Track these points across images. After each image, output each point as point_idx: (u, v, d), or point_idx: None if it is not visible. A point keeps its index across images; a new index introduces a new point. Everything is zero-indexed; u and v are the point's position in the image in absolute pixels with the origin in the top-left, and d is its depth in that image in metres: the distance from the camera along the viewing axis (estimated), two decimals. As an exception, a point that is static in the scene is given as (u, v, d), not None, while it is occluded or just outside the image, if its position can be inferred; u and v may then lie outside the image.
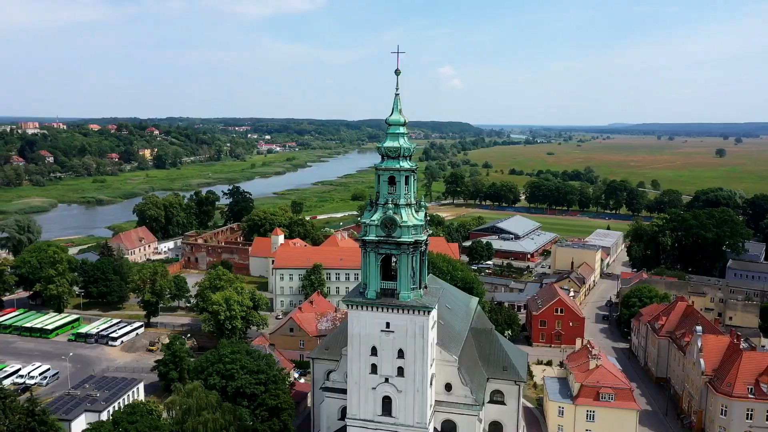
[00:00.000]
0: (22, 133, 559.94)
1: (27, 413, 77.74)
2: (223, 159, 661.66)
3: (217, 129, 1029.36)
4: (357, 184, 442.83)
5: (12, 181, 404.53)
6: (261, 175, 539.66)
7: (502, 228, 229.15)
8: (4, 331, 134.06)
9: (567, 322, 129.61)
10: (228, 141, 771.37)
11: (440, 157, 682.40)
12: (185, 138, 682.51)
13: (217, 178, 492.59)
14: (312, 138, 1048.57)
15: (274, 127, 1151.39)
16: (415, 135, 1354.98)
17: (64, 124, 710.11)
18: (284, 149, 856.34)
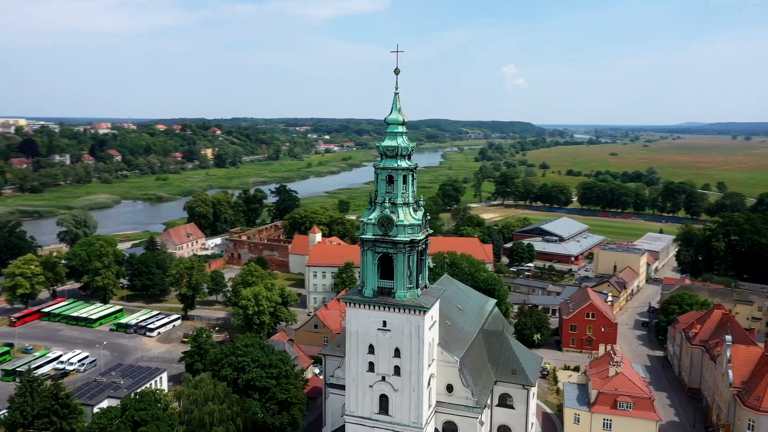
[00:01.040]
0: (95, 133, 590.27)
1: (52, 397, 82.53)
2: (282, 158, 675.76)
3: (278, 129, 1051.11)
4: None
5: (82, 178, 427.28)
6: (316, 174, 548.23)
7: (547, 230, 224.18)
8: (53, 319, 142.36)
9: (598, 327, 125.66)
10: (287, 141, 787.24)
11: (496, 158, 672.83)
12: (245, 138, 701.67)
13: (273, 177, 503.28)
14: (370, 138, 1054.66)
15: (334, 127, 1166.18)
16: (474, 135, 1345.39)
17: (135, 124, 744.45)
18: (342, 149, 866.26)
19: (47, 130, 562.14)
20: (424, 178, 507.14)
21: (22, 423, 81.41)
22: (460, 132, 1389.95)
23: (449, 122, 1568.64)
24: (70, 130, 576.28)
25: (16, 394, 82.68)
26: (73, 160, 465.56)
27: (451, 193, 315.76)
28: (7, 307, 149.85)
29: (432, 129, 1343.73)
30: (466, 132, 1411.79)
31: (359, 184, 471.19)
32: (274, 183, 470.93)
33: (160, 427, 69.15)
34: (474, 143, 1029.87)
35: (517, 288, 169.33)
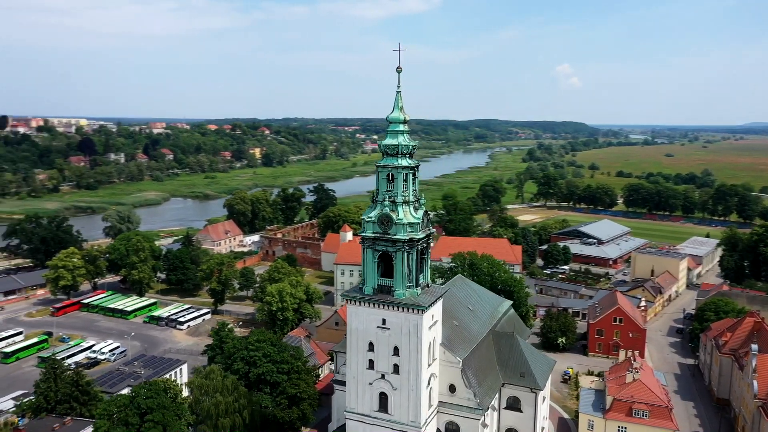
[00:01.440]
0: (149, 132, 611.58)
1: (73, 384, 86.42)
2: (328, 158, 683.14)
3: (327, 129, 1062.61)
4: (451, 184, 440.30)
5: (135, 176, 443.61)
6: (360, 173, 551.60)
7: (585, 232, 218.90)
8: (91, 310, 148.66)
9: (626, 332, 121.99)
10: (334, 140, 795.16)
11: (544, 158, 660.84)
12: (293, 138, 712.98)
13: (317, 177, 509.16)
14: (417, 138, 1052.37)
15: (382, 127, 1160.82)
16: (524, 135, 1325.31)
17: (188, 124, 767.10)
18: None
19: (105, 129, 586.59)
20: (468, 178, 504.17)
21: (46, 407, 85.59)
22: (510, 132, 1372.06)
23: (499, 122, 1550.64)
24: (127, 129, 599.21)
25: (40, 380, 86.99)
26: (127, 158, 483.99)
27: (492, 193, 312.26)
28: (50, 297, 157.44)
29: (481, 129, 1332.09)
30: (516, 132, 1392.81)
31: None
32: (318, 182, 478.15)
33: (166, 416, 71.30)
34: (524, 144, 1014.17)
35: (548, 291, 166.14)
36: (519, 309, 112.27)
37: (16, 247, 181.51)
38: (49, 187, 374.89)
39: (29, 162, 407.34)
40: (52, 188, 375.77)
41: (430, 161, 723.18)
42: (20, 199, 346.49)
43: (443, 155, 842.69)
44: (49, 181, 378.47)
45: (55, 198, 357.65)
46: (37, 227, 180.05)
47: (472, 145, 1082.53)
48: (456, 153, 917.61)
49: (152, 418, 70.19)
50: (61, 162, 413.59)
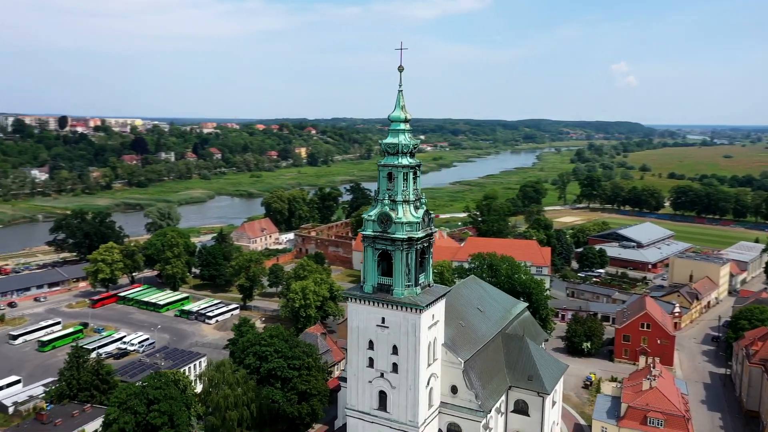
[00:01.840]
0: (200, 132, 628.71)
1: (94, 372, 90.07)
2: (374, 158, 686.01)
3: (375, 129, 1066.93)
4: (494, 185, 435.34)
5: (183, 174, 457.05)
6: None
7: (624, 235, 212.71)
8: (127, 303, 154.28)
9: (654, 338, 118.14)
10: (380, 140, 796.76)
11: (594, 159, 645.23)
12: (339, 137, 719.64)
13: (360, 176, 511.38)
14: (465, 138, 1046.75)
15: (429, 127, 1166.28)
16: (575, 135, 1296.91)
17: (238, 124, 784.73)
18: (435, 149, 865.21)
19: (158, 129, 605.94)
20: (513, 179, 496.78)
21: (69, 394, 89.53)
22: (561, 132, 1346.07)
23: (550, 122, 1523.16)
24: (178, 129, 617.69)
25: (64, 368, 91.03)
26: (177, 157, 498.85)
27: (532, 194, 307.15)
28: (91, 290, 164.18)
29: (530, 129, 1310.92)
30: (567, 132, 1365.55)
31: (444, 184, 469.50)
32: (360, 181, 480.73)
33: (173, 406, 73.43)
34: (574, 144, 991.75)
35: (580, 294, 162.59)
36: (539, 312, 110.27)
37: (62, 241, 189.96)
38: (102, 185, 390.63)
39: (85, 160, 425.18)
40: (105, 185, 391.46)
41: (475, 162, 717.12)
42: (75, 196, 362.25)
43: (489, 156, 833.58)
44: (102, 179, 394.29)
45: (107, 195, 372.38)
46: (81, 222, 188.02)
47: (520, 145, 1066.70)
48: (503, 153, 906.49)
49: (158, 408, 72.41)
50: (115, 160, 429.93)
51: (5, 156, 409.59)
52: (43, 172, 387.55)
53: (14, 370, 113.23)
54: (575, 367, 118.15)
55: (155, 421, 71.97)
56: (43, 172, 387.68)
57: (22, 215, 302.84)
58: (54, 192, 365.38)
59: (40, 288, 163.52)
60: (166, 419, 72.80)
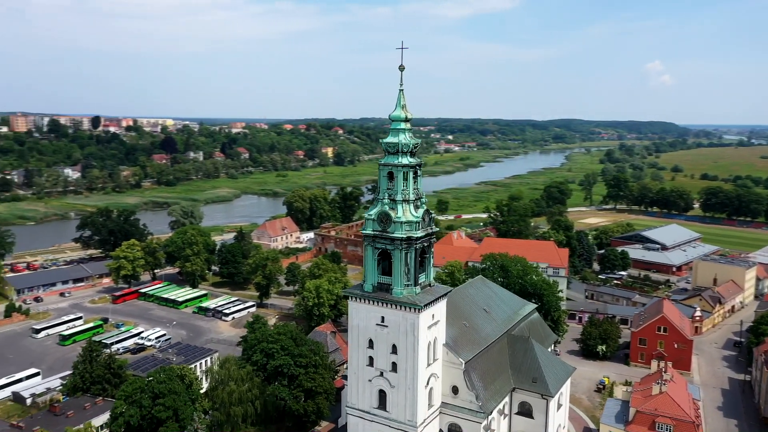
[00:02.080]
0: (228, 132, 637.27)
1: (106, 366, 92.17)
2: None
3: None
4: (520, 185, 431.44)
5: (211, 173, 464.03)
6: (429, 173, 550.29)
7: (648, 237, 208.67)
8: (148, 299, 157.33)
9: (671, 342, 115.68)
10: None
11: (624, 159, 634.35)
12: (366, 137, 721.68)
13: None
14: (494, 138, 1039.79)
15: (458, 127, 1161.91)
16: (607, 135, 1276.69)
17: (267, 124, 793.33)
18: (462, 149, 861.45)
19: (188, 129, 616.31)
20: (540, 179, 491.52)
21: (82, 387, 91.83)
22: (592, 133, 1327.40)
23: (581, 122, 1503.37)
24: (207, 129, 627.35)
25: (78, 361, 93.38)
26: (205, 156, 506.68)
27: (557, 195, 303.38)
28: (114, 286, 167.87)
29: (561, 129, 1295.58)
30: (598, 132, 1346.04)
31: (470, 184, 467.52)
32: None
33: (177, 401, 74.69)
34: (605, 144, 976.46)
35: (599, 296, 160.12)
36: (551, 314, 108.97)
37: (89, 238, 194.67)
38: (132, 183, 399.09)
39: (116, 159, 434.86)
40: (134, 184, 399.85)
41: (503, 162, 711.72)
42: (105, 194, 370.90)
43: (518, 156, 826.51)
44: (132, 178, 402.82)
45: (137, 193, 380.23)
46: (107, 220, 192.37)
47: (549, 145, 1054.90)
48: (532, 154, 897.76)
49: (162, 403, 73.72)
50: (144, 160, 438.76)
51: (40, 155, 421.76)
52: (75, 170, 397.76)
53: (35, 362, 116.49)
54: (589, 370, 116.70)
55: (160, 415, 73.32)
56: (76, 170, 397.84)
57: (54, 213, 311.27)
58: (85, 190, 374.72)
59: (65, 284, 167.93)
60: (171, 413, 74.08)
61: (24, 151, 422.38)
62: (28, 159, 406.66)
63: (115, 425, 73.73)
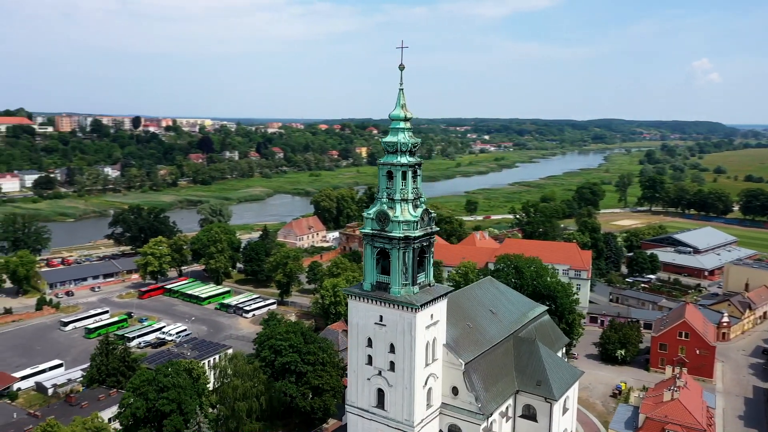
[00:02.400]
0: (264, 132, 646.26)
1: (121, 359, 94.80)
2: (434, 158, 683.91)
3: (439, 129, 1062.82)
4: (554, 186, 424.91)
5: (245, 173, 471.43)
6: (462, 174, 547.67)
7: (680, 240, 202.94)
8: (173, 295, 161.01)
9: (692, 348, 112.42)
10: (441, 140, 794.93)
11: (665, 160, 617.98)
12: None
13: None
14: (531, 138, 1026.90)
15: (495, 127, 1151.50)
16: (649, 136, 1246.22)
17: (303, 124, 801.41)
18: (498, 149, 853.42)
19: (225, 129, 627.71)
20: (575, 180, 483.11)
21: (98, 379, 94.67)
22: (633, 133, 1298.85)
23: (622, 122, 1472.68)
24: (244, 129, 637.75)
25: (95, 354, 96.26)
26: (241, 156, 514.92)
27: (589, 196, 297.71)
28: (141, 281, 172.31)
29: (601, 129, 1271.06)
30: (640, 132, 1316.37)
31: (503, 185, 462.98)
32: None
33: (182, 394, 76.28)
34: (647, 145, 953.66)
35: (625, 300, 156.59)
36: (566, 316, 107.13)
37: (120, 235, 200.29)
38: (169, 182, 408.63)
39: (154, 158, 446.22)
40: (171, 183, 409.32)
41: (539, 162, 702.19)
42: (143, 192, 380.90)
43: (555, 157, 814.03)
44: (168, 176, 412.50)
45: (173, 192, 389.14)
46: (137, 218, 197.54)
47: (588, 146, 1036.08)
48: (570, 154, 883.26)
49: (167, 396, 75.36)
50: (181, 159, 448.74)
51: (83, 154, 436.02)
52: (115, 169, 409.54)
53: (61, 354, 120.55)
54: (607, 375, 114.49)
55: (164, 407, 74.96)
56: (116, 169, 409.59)
57: (92, 210, 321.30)
58: (124, 188, 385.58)
59: (95, 279, 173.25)
60: (175, 406, 75.64)
61: (68, 150, 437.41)
62: (71, 158, 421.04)
63: (122, 416, 75.76)
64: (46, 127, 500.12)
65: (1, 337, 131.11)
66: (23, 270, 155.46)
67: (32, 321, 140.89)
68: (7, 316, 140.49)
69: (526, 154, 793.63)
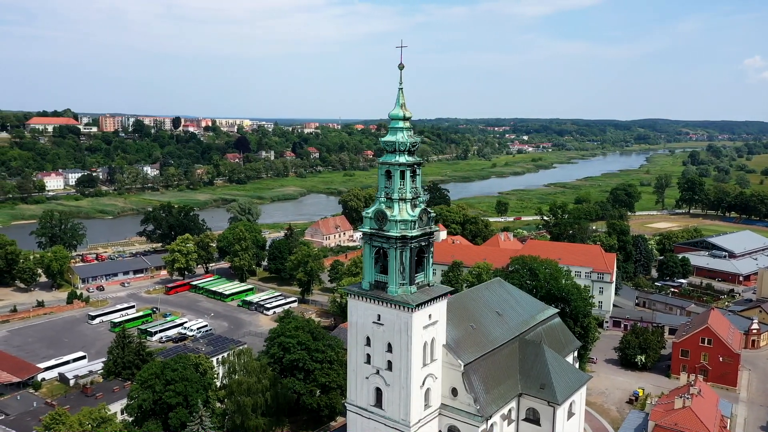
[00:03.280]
0: (300, 132, 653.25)
1: (136, 353, 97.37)
2: (470, 158, 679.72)
3: (476, 129, 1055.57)
4: (590, 187, 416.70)
5: (280, 172, 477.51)
6: (497, 174, 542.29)
7: (715, 243, 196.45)
8: (198, 291, 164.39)
9: (715, 355, 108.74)
10: (478, 141, 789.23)
11: (710, 161, 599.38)
12: (437, 137, 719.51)
13: (452, 176, 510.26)
14: (571, 139, 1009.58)
15: (534, 128, 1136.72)
16: (696, 136, 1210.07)
17: (339, 124, 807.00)
18: (537, 150, 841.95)
19: (262, 129, 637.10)
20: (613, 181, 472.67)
21: (114, 371, 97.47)
22: (679, 133, 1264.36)
23: (668, 122, 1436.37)
24: (281, 129, 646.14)
25: (111, 347, 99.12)
26: (276, 156, 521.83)
27: (623, 198, 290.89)
28: (169, 278, 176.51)
29: (644, 130, 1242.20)
30: (686, 133, 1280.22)
31: (538, 186, 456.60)
32: (452, 182, 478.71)
33: (187, 387, 77.93)
34: (693, 146, 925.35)
35: (651, 304, 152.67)
36: (582, 320, 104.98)
37: (152, 232, 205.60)
38: (205, 181, 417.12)
39: (192, 158, 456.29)
40: (207, 182, 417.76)
41: (577, 163, 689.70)
42: (179, 191, 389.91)
43: (595, 157, 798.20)
44: (205, 175, 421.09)
45: (209, 190, 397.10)
46: (168, 215, 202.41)
47: (631, 146, 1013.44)
48: (611, 155, 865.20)
49: (173, 389, 77.11)
50: (218, 158, 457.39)
51: (124, 153, 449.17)
52: (154, 168, 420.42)
53: (86, 346, 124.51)
54: (625, 380, 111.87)
55: (170, 400, 76.76)
56: (155, 168, 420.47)
57: (131, 207, 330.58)
58: (162, 187, 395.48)
59: (125, 274, 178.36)
60: (181, 399, 77.36)
61: (110, 149, 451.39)
62: (113, 157, 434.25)
63: (130, 408, 77.85)
64: (90, 127, 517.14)
65: (32, 329, 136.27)
66: (57, 265, 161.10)
67: (62, 314, 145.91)
68: (39, 309, 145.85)
69: (565, 155, 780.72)
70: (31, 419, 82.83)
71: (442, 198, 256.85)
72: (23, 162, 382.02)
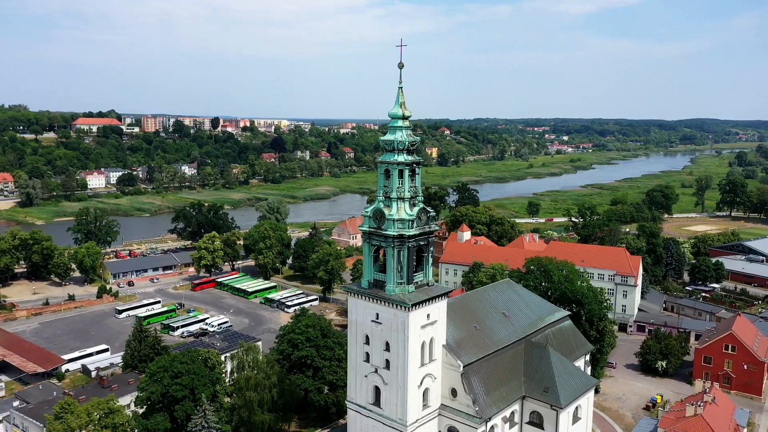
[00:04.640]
0: (336, 132, 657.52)
1: (151, 346, 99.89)
2: (507, 159, 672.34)
3: (515, 130, 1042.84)
4: (629, 189, 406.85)
5: (315, 172, 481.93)
6: (534, 175, 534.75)
7: (752, 247, 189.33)
8: (223, 288, 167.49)
9: (739, 363, 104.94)
10: (516, 141, 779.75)
11: (758, 163, 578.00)
12: (473, 138, 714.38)
13: (487, 177, 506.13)
14: (613, 139, 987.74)
15: (575, 128, 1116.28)
16: (745, 136, 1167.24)
17: (376, 125, 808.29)
18: (576, 150, 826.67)
19: (299, 129, 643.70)
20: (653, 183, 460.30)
21: (131, 364, 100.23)
22: (728, 133, 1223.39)
23: (717, 122, 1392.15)
24: (317, 129, 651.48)
25: (129, 340, 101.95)
26: (312, 155, 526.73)
27: (659, 200, 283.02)
28: (196, 274, 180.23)
29: (691, 130, 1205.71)
30: (735, 133, 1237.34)
31: (574, 187, 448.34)
32: (487, 182, 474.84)
33: (195, 381, 79.51)
34: (742, 146, 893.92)
35: (680, 309, 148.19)
36: (599, 322, 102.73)
37: (182, 230, 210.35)
38: (241, 180, 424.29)
39: (229, 158, 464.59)
40: (243, 181, 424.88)
41: (618, 164, 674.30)
42: (215, 190, 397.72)
43: (637, 158, 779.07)
44: (241, 175, 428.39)
45: (244, 189, 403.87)
46: (197, 213, 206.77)
47: (675, 147, 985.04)
48: (654, 156, 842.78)
49: (180, 382, 78.78)
50: (254, 158, 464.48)
51: (164, 153, 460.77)
52: (192, 167, 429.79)
53: (111, 339, 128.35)
54: (644, 386, 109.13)
55: (177, 393, 78.41)
56: (192, 167, 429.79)
57: (167, 206, 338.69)
58: (198, 186, 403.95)
59: (155, 270, 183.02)
60: (188, 392, 78.93)
61: (151, 149, 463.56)
62: (153, 156, 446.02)
63: (138, 399, 79.95)
64: (133, 127, 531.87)
65: (62, 322, 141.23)
66: (89, 260, 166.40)
67: (92, 308, 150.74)
68: (70, 303, 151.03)
69: (605, 156, 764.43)
70: (48, 408, 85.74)
71: (471, 198, 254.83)
72: (68, 161, 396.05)
